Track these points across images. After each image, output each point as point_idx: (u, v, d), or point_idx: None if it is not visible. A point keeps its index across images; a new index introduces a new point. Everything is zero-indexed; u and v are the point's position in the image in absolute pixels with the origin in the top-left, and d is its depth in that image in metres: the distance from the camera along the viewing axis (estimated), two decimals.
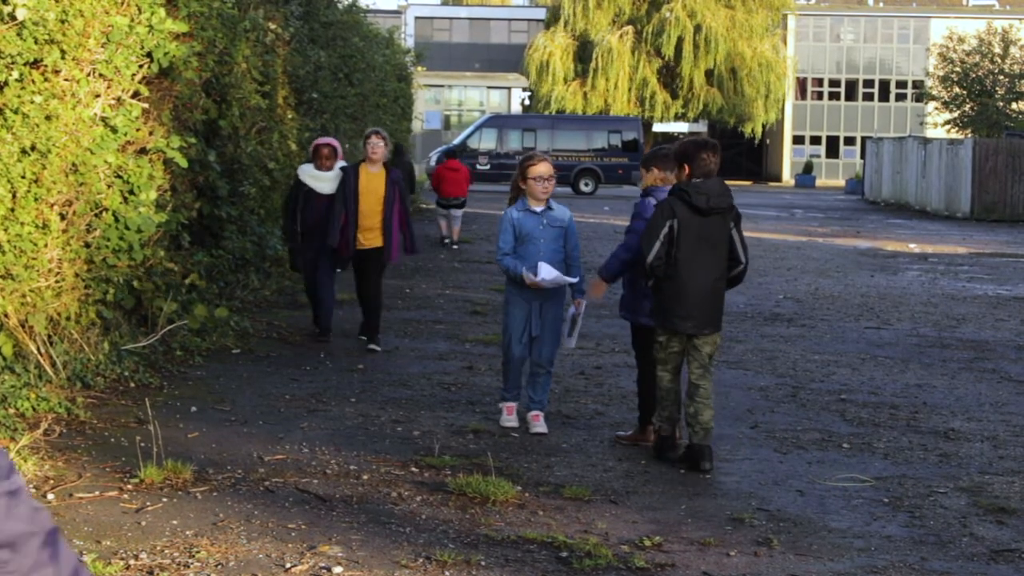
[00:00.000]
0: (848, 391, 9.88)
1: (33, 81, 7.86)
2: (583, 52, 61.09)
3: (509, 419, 8.21)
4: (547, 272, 7.90)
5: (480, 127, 49.04)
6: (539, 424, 8.10)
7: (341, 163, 11.23)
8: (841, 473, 7.31)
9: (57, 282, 8.18)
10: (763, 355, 11.47)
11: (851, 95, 72.36)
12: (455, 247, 21.97)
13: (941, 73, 54.87)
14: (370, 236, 10.81)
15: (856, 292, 16.90)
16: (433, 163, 40.14)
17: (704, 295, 7.18)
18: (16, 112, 7.75)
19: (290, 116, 15.18)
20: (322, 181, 11.05)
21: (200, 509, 6.13)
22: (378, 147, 10.87)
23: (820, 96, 72.59)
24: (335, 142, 11.33)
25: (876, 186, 45.87)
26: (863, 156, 54.19)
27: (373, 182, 10.83)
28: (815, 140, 72.30)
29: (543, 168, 8.06)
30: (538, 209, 8.10)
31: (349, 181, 10.75)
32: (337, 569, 5.33)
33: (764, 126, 63.68)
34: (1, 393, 7.46)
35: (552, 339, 8.11)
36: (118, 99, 8.70)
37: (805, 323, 13.75)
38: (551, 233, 8.09)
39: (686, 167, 7.19)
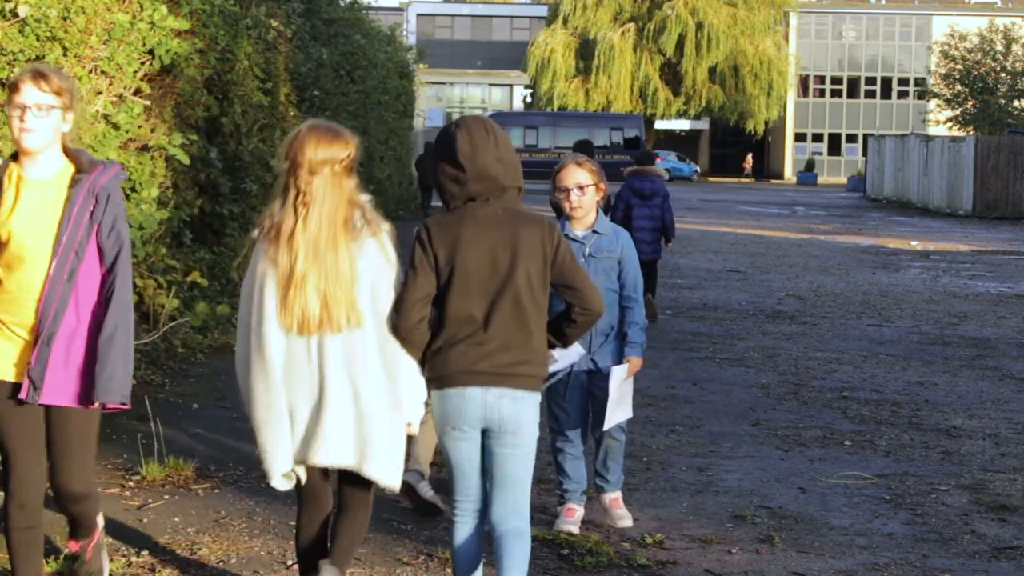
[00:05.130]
0: (850, 389, 9.88)
1: None
2: (584, 49, 61.12)
3: (568, 521, 6.00)
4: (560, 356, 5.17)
5: None
6: (621, 512, 6.14)
7: None
8: (843, 471, 7.31)
9: None
10: (765, 352, 11.47)
11: (853, 92, 72.35)
12: None
13: (943, 71, 54.86)
14: (15, 344, 4.27)
15: (858, 290, 16.89)
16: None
17: None
18: None
19: (292, 113, 15.15)
20: None
21: (202, 506, 6.13)
22: (42, 118, 4.40)
23: (822, 94, 72.57)
24: None
25: (878, 184, 45.86)
26: (865, 154, 54.21)
27: (35, 203, 4.33)
28: (817, 138, 72.29)
29: (567, 175, 5.78)
30: (578, 233, 5.84)
31: None
32: None
33: (766, 123, 63.72)
34: None
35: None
36: (120, 96, 8.68)
37: (807, 320, 13.74)
38: (596, 267, 5.77)
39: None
